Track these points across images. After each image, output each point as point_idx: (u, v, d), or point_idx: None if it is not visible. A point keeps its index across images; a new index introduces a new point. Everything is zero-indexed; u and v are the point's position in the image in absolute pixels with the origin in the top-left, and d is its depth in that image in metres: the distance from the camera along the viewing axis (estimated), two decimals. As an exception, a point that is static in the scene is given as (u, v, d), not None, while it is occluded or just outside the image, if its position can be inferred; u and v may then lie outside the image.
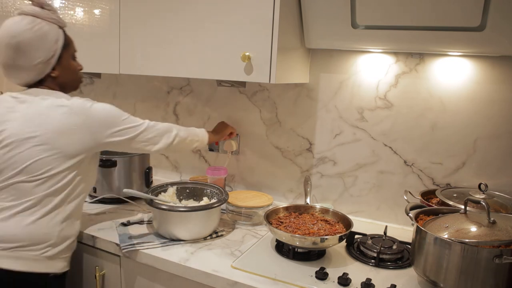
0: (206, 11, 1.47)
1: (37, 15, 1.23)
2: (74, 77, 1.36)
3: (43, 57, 1.23)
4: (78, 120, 1.22)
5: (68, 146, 1.21)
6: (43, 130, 1.19)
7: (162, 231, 1.40)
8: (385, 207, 1.64)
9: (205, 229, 1.41)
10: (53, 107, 1.22)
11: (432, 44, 1.33)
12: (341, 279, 1.16)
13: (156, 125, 1.37)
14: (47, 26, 1.23)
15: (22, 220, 1.18)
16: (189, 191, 1.60)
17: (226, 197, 1.47)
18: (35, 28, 1.21)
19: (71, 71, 1.33)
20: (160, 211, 1.37)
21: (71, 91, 1.36)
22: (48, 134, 1.19)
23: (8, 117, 1.22)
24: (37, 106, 1.22)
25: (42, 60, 1.23)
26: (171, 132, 1.40)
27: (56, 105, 1.22)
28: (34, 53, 1.22)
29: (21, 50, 1.20)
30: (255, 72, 1.40)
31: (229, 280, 1.19)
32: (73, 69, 1.34)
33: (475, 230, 1.07)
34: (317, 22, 1.45)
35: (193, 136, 1.48)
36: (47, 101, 1.23)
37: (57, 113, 1.21)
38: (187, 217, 1.36)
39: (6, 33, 1.21)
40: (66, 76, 1.31)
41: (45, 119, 1.20)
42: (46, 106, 1.22)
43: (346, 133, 1.66)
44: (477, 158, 1.47)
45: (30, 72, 1.24)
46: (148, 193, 1.45)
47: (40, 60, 1.23)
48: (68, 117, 1.21)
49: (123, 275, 1.41)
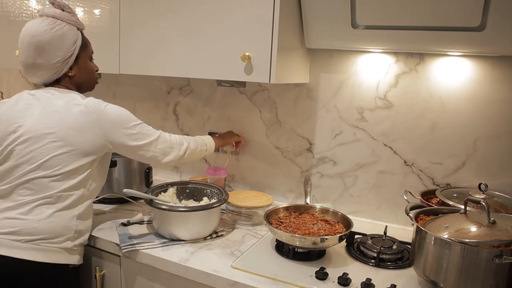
0: (206, 11, 1.47)
1: (58, 17, 1.28)
2: (90, 78, 1.40)
3: (61, 56, 1.28)
4: (92, 118, 1.26)
5: (82, 144, 1.25)
6: (60, 127, 1.23)
7: (162, 231, 1.40)
8: (385, 207, 1.64)
9: (205, 229, 1.41)
10: (70, 105, 1.26)
11: (432, 44, 1.33)
12: (341, 279, 1.16)
13: (169, 136, 1.40)
14: (66, 27, 1.29)
15: (41, 213, 1.22)
16: (189, 191, 1.60)
17: (226, 197, 1.47)
18: (55, 28, 1.27)
19: (87, 71, 1.38)
20: (160, 211, 1.37)
21: (87, 91, 1.41)
22: (64, 131, 1.23)
23: (26, 113, 1.27)
24: (54, 104, 1.27)
25: (60, 59, 1.28)
26: (182, 145, 1.42)
27: (73, 104, 1.27)
28: (53, 52, 1.27)
29: (41, 49, 1.25)
30: (255, 72, 1.40)
31: (229, 280, 1.19)
32: (89, 70, 1.39)
33: (475, 230, 1.07)
34: (317, 22, 1.45)
35: (202, 146, 1.50)
36: (64, 99, 1.27)
37: (73, 111, 1.25)
38: (187, 217, 1.36)
39: (28, 33, 1.27)
40: (82, 76, 1.36)
41: (62, 116, 1.24)
42: (62, 104, 1.26)
43: (346, 133, 1.66)
44: (477, 158, 1.47)
45: (49, 71, 1.29)
46: (148, 193, 1.45)
47: (58, 59, 1.28)
48: (83, 116, 1.25)
49: (123, 275, 1.41)
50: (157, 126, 2.06)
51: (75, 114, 1.25)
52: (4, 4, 1.98)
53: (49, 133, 1.23)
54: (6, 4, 1.97)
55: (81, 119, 1.25)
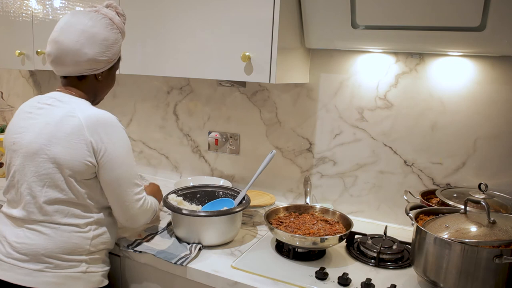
0: (206, 11, 1.47)
1: (114, 21, 1.26)
2: (108, 90, 1.37)
3: (107, 57, 1.24)
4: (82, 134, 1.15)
5: (72, 164, 1.15)
6: (50, 144, 1.15)
7: (187, 238, 1.36)
8: (385, 207, 1.64)
9: (232, 232, 1.39)
10: (65, 117, 1.17)
11: (432, 44, 1.33)
12: (341, 279, 1.16)
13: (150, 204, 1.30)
14: (119, 34, 1.28)
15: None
16: (199, 196, 1.57)
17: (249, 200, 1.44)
18: (113, 31, 1.25)
19: (111, 83, 1.35)
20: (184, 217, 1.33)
21: (96, 103, 1.34)
22: (54, 150, 1.15)
23: (25, 125, 1.21)
24: (50, 115, 1.18)
25: (105, 59, 1.24)
26: (151, 213, 1.33)
27: (69, 115, 1.17)
28: (104, 50, 1.23)
29: (96, 41, 1.21)
30: (255, 72, 1.40)
31: (229, 280, 1.19)
32: (112, 82, 1.36)
33: (475, 230, 1.07)
34: (317, 22, 1.45)
35: (157, 206, 1.38)
36: (64, 109, 1.19)
37: (66, 124, 1.16)
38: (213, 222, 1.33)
39: (84, 21, 1.21)
40: (105, 85, 1.33)
41: (54, 131, 1.16)
42: (60, 115, 1.17)
43: (346, 133, 1.66)
44: (477, 158, 1.47)
45: (87, 64, 1.22)
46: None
47: (104, 58, 1.23)
48: (75, 130, 1.15)
49: (123, 275, 1.41)
50: (157, 126, 2.08)
51: (67, 128, 1.15)
52: (4, 4, 1.98)
53: (39, 151, 1.15)
54: (6, 4, 1.97)
55: (71, 133, 1.14)
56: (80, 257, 1.20)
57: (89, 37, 1.20)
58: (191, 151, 2.02)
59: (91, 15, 1.23)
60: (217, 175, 1.96)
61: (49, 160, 1.15)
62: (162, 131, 2.09)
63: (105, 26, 1.23)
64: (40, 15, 1.88)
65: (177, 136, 2.05)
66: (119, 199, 1.22)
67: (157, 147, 2.12)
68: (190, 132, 2.01)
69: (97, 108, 1.23)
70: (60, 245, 1.17)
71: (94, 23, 1.21)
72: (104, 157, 1.17)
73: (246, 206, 1.40)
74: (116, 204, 1.23)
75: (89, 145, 1.15)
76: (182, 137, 2.03)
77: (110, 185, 1.20)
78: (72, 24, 1.21)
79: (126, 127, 2.18)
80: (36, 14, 1.89)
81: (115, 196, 1.22)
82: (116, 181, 1.20)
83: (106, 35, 1.23)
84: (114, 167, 1.19)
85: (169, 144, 2.08)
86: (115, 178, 1.20)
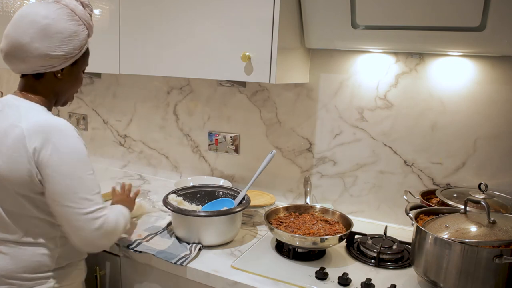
0: (206, 11, 1.47)
1: (77, 12, 1.12)
2: (73, 89, 1.23)
3: (64, 52, 1.10)
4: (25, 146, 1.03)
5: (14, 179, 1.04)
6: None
7: (189, 238, 1.35)
8: (385, 207, 1.64)
9: (232, 232, 1.39)
10: (9, 127, 1.06)
11: (432, 44, 1.33)
12: (341, 279, 1.16)
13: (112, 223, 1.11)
14: (81, 27, 1.13)
15: None
16: (199, 196, 1.56)
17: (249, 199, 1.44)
18: (72, 22, 1.10)
19: (76, 81, 1.21)
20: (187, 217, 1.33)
21: (61, 104, 1.24)
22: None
23: None
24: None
25: (61, 54, 1.10)
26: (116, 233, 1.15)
27: (12, 126, 1.05)
28: (59, 44, 1.08)
29: (47, 33, 1.07)
30: (255, 72, 1.40)
31: (229, 280, 1.19)
32: (78, 80, 1.22)
33: (475, 230, 1.07)
34: (317, 22, 1.45)
35: (126, 221, 1.22)
36: (10, 119, 1.08)
37: (9, 136, 1.05)
38: (213, 222, 1.33)
39: (36, 11, 1.08)
40: (68, 84, 1.19)
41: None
42: (4, 127, 1.07)
43: (346, 133, 1.66)
44: (477, 158, 1.47)
45: (40, 60, 1.08)
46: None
47: (59, 53, 1.09)
48: (16, 142, 1.04)
49: (123, 275, 1.41)
50: (157, 126, 2.08)
51: (11, 140, 1.04)
52: (4, 4, 1.98)
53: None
54: (6, 4, 1.97)
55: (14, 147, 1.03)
56: (45, 274, 1.11)
57: (41, 29, 1.06)
58: (191, 151, 2.02)
59: (47, 6, 1.09)
60: (217, 175, 1.96)
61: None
62: (162, 131, 2.09)
63: (61, 17, 1.08)
64: (40, 15, 1.87)
65: (177, 136, 2.05)
66: (68, 219, 1.05)
67: (157, 147, 2.12)
68: (190, 132, 2.01)
69: (50, 115, 1.11)
70: (22, 265, 1.09)
71: (47, 13, 1.07)
72: (48, 166, 1.03)
73: (246, 206, 1.40)
74: (66, 225, 1.07)
75: (30, 156, 1.03)
76: (182, 137, 2.03)
77: (54, 201, 1.05)
78: (24, 15, 1.08)
79: (126, 127, 2.18)
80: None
81: (62, 216, 1.06)
82: (61, 195, 1.04)
83: (61, 27, 1.08)
84: (59, 178, 1.03)
85: (169, 144, 2.08)
86: (59, 192, 1.04)
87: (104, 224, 1.07)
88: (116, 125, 2.22)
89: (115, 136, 2.23)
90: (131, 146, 2.20)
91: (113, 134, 2.23)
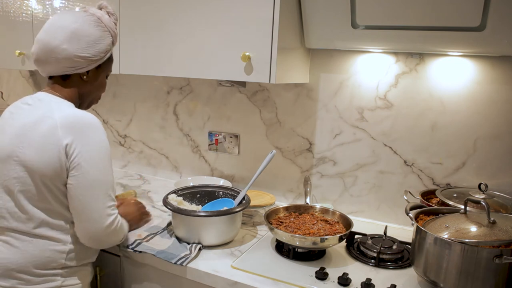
0: (206, 11, 1.47)
1: (103, 20, 1.21)
2: (97, 93, 1.30)
3: (90, 54, 1.18)
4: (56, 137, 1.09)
5: (42, 168, 1.09)
6: (23, 147, 1.10)
7: (188, 238, 1.35)
8: (385, 207, 1.64)
9: (232, 232, 1.39)
10: (42, 118, 1.12)
11: (432, 44, 1.33)
12: (341, 279, 1.16)
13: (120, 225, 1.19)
14: (107, 33, 1.22)
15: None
16: (199, 196, 1.56)
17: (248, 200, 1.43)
18: (98, 28, 1.20)
19: (99, 85, 1.28)
20: (187, 217, 1.33)
21: (87, 106, 1.30)
22: (26, 152, 1.10)
23: (4, 126, 1.18)
24: (28, 116, 1.14)
25: (88, 56, 1.18)
26: (121, 236, 1.24)
27: (45, 116, 1.12)
28: (86, 46, 1.17)
29: (76, 36, 1.16)
30: (255, 72, 1.40)
31: (229, 280, 1.19)
32: (102, 84, 1.29)
33: (475, 230, 1.07)
34: (317, 22, 1.45)
35: (127, 232, 1.29)
36: (42, 110, 1.14)
37: (41, 126, 1.10)
38: (213, 222, 1.33)
39: (66, 18, 1.18)
40: (92, 87, 1.26)
41: (29, 132, 1.11)
42: (36, 116, 1.13)
43: (346, 133, 1.66)
44: (477, 158, 1.47)
45: (67, 62, 1.16)
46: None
47: (86, 55, 1.17)
48: (49, 132, 1.10)
49: (123, 275, 1.41)
50: (157, 126, 2.08)
51: (42, 130, 1.09)
52: (4, 4, 1.98)
53: (13, 155, 1.11)
54: (6, 4, 1.97)
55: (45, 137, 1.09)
56: (54, 271, 1.14)
57: (70, 32, 1.15)
58: (191, 151, 2.02)
59: (75, 13, 1.20)
60: (217, 175, 1.96)
61: (20, 164, 1.10)
62: (162, 131, 2.09)
63: (89, 23, 1.18)
64: (40, 15, 1.88)
65: (177, 136, 2.05)
66: (86, 210, 1.10)
67: (157, 147, 2.12)
68: (190, 132, 2.01)
69: (79, 110, 1.18)
70: (32, 259, 1.11)
71: (76, 19, 1.17)
72: (76, 158, 1.09)
73: (246, 206, 1.40)
74: (81, 216, 1.11)
75: (62, 147, 1.08)
76: (182, 137, 2.03)
77: (78, 191, 1.10)
78: (54, 23, 1.18)
79: (126, 127, 2.18)
80: (36, 14, 1.89)
81: (81, 206, 1.10)
82: (86, 187, 1.10)
83: (89, 31, 1.17)
84: (86, 170, 1.09)
85: (169, 144, 2.08)
86: (85, 184, 1.09)
87: (115, 222, 1.15)
88: (116, 125, 2.22)
89: (115, 136, 2.23)
90: (131, 146, 2.20)
91: (113, 134, 2.24)
